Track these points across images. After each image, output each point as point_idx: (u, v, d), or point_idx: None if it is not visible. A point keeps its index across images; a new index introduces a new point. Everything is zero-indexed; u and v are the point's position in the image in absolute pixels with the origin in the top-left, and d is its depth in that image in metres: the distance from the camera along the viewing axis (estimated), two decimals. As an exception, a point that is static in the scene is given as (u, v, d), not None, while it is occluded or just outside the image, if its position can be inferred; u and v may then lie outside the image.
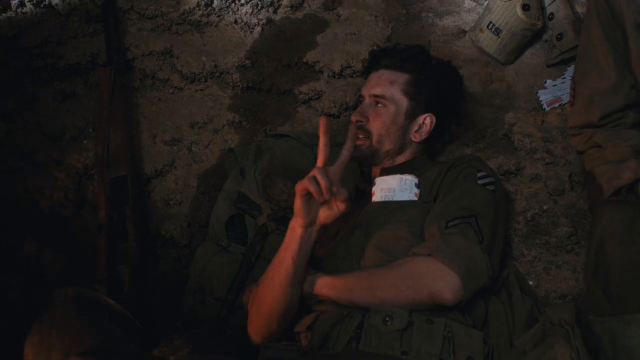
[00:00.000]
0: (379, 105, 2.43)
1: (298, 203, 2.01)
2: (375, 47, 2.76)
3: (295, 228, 2.05)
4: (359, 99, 2.52)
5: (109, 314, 1.93)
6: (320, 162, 2.01)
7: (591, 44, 2.11)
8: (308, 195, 1.99)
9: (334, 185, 1.97)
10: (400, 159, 2.44)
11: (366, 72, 2.58)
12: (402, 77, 2.45)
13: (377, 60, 2.52)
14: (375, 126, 2.41)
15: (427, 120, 2.45)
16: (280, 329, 2.14)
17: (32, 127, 2.85)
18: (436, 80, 2.48)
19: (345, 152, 2.05)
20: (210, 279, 2.60)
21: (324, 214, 2.04)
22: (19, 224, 2.72)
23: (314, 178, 1.96)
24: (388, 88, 2.43)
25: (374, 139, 2.40)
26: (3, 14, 2.73)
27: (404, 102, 2.43)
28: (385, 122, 2.41)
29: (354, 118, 2.44)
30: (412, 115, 2.44)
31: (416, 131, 2.45)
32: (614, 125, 2.09)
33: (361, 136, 2.41)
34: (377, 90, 2.44)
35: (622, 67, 2.08)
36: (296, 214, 2.04)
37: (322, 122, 2.04)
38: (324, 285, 2.11)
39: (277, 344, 2.09)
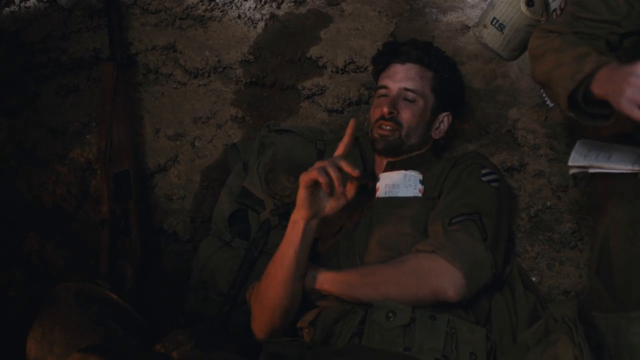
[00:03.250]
0: (409, 99, 2.42)
1: (302, 194, 2.01)
2: (390, 39, 2.75)
3: (298, 221, 2.05)
4: (380, 90, 2.49)
5: (112, 309, 1.93)
6: (338, 152, 2.04)
7: None
8: (313, 186, 1.99)
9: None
10: (415, 153, 2.45)
11: (385, 61, 2.54)
12: (429, 74, 2.46)
13: (402, 52, 2.49)
14: (407, 118, 2.40)
15: (445, 119, 2.49)
16: (284, 324, 2.14)
17: (35, 122, 2.85)
18: (455, 80, 2.52)
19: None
20: (213, 274, 2.61)
21: (330, 206, 2.04)
22: (22, 219, 2.73)
23: (324, 169, 1.95)
24: (420, 83, 2.43)
25: (404, 131, 2.40)
26: (6, 9, 2.73)
27: (431, 98, 2.44)
28: (415, 115, 2.41)
29: (386, 109, 2.39)
30: (435, 113, 2.46)
31: (436, 128, 2.47)
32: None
33: (389, 127, 2.40)
34: (410, 84, 2.43)
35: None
36: (299, 205, 2.04)
37: (351, 123, 2.06)
38: (327, 281, 2.11)
39: (279, 339, 2.09)
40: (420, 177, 2.28)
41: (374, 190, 2.35)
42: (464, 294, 1.99)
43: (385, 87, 2.47)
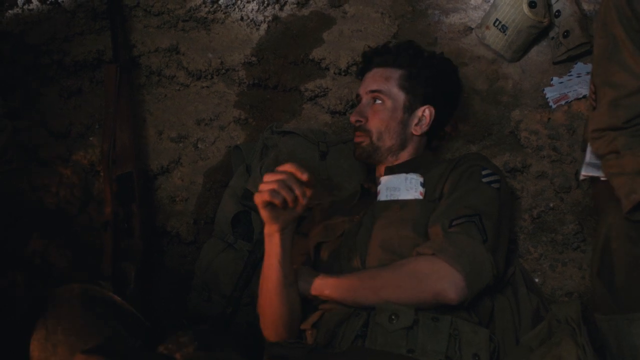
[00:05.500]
0: (377, 102, 2.43)
1: (263, 213, 2.01)
2: (367, 48, 2.74)
3: (272, 233, 2.06)
4: (357, 99, 2.52)
5: (115, 310, 1.94)
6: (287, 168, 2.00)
7: (615, 46, 2.04)
8: (271, 204, 1.98)
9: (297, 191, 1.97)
10: (404, 155, 2.44)
11: (361, 73, 2.58)
12: (397, 73, 2.45)
13: (370, 60, 2.53)
14: (374, 124, 2.41)
15: (426, 113, 2.45)
16: (290, 331, 2.16)
17: (38, 125, 2.85)
18: (430, 72, 2.47)
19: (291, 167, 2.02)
20: (216, 276, 2.61)
21: (296, 211, 2.03)
22: (25, 221, 2.73)
23: (275, 192, 1.95)
24: (384, 84, 2.43)
25: (374, 136, 2.40)
26: (9, 11, 2.74)
27: (400, 96, 2.43)
28: (383, 118, 2.41)
29: (352, 118, 2.45)
30: (410, 109, 2.44)
31: (416, 124, 2.45)
32: (638, 129, 2.04)
33: (359, 135, 2.42)
34: (374, 86, 2.44)
35: None
36: (267, 222, 2.04)
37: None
38: (328, 287, 2.12)
39: (282, 342, 2.09)
40: (421, 179, 2.28)
41: (376, 193, 2.35)
42: (464, 296, 1.99)
43: (357, 95, 2.52)
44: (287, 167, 1.98)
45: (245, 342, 2.33)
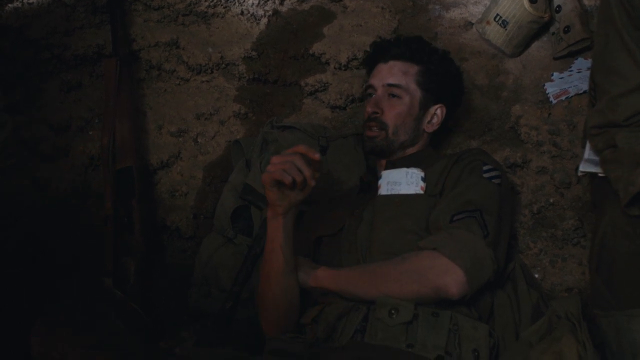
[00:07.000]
0: (394, 96, 2.41)
1: (270, 194, 2.03)
2: (378, 39, 2.74)
3: (276, 217, 2.08)
4: (367, 91, 2.50)
5: (115, 306, 1.95)
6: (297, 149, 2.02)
7: (615, 44, 2.03)
8: (278, 184, 1.99)
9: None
10: (411, 151, 2.44)
11: (371, 63, 2.56)
12: (414, 68, 2.44)
13: (385, 51, 2.50)
14: (391, 118, 2.40)
15: (438, 111, 2.46)
16: (289, 321, 2.16)
17: (38, 119, 2.85)
18: (444, 71, 2.48)
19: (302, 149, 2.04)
20: (216, 271, 2.61)
21: (302, 194, 2.05)
22: (25, 216, 2.73)
23: (286, 171, 1.97)
24: (403, 78, 2.42)
25: (390, 130, 2.39)
26: (9, 5, 2.74)
27: (417, 92, 2.43)
28: (401, 113, 2.40)
29: (369, 109, 2.42)
30: (425, 106, 2.44)
31: (428, 122, 2.45)
32: (638, 125, 2.03)
33: (375, 128, 2.40)
34: (393, 80, 2.42)
35: None
36: (271, 204, 2.06)
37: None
38: (328, 279, 2.12)
39: (282, 336, 2.09)
40: (422, 174, 2.28)
41: (376, 187, 2.35)
42: (465, 291, 1.99)
43: (370, 86, 2.48)
44: (298, 148, 2.00)
45: (245, 336, 2.33)
